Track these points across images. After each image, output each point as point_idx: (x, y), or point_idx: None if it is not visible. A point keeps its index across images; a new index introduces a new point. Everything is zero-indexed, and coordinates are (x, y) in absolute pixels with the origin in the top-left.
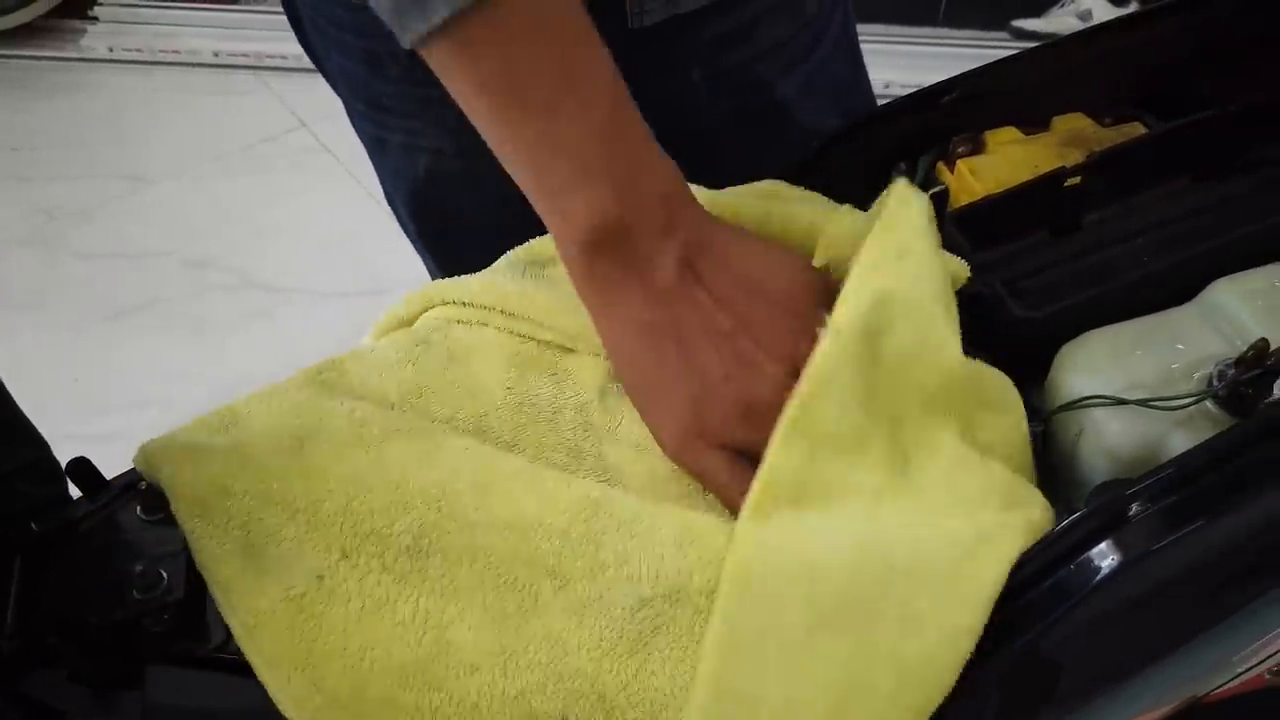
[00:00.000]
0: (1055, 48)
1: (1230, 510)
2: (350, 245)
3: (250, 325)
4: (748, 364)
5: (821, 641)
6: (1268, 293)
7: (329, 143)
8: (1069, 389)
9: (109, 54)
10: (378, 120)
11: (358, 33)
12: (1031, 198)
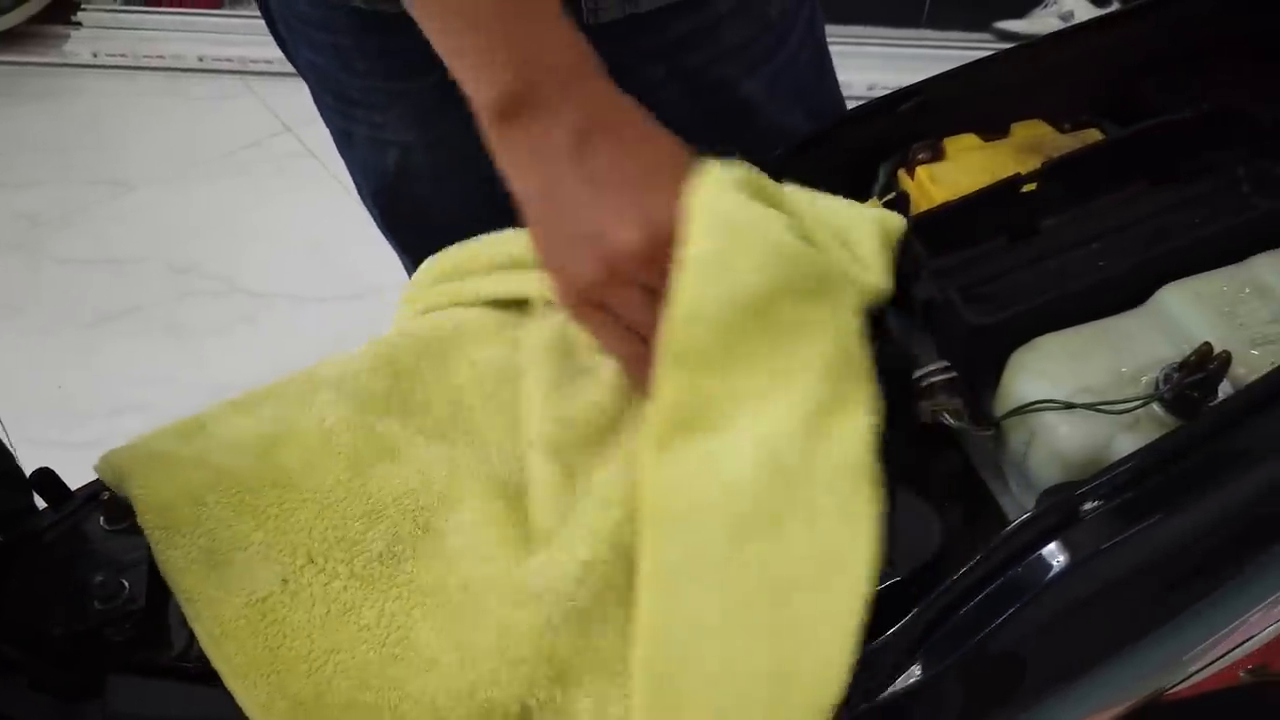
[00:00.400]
0: (1013, 55)
1: (1175, 511)
2: (333, 250)
3: (233, 330)
4: (612, 226)
5: (744, 553)
6: (1215, 297)
7: (314, 147)
8: (1020, 393)
9: (93, 59)
10: (345, 114)
11: (324, 28)
12: (988, 204)
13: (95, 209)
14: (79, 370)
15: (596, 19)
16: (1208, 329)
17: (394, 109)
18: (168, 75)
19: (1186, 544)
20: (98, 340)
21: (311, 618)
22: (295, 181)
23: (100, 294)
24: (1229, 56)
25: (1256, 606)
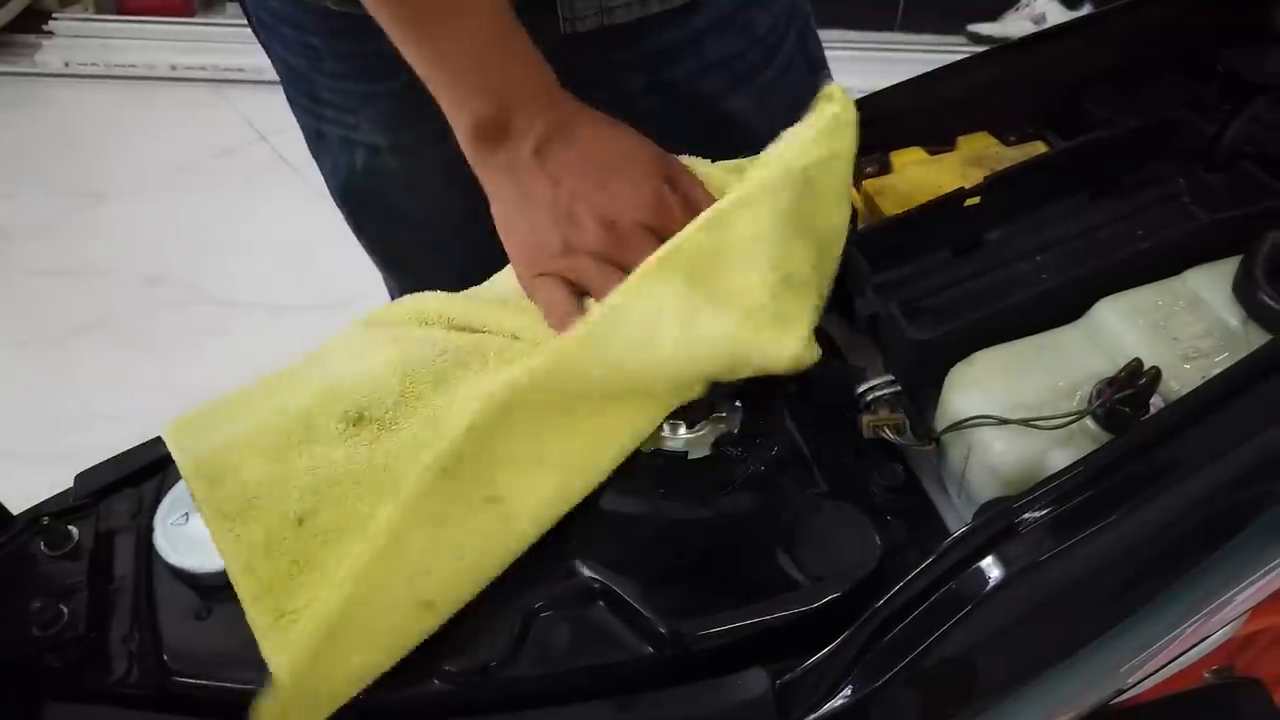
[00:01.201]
0: (958, 69)
1: (1107, 526)
2: (308, 258)
3: (205, 341)
4: (572, 217)
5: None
6: (1150, 311)
7: (287, 155)
8: (957, 409)
9: (65, 69)
10: (316, 113)
11: (296, 26)
12: (932, 218)
13: (66, 219)
14: (50, 383)
15: (573, 28)
16: (1141, 344)
17: (364, 110)
18: (140, 84)
19: (1119, 557)
20: (69, 352)
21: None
22: (269, 190)
23: (71, 305)
24: (1168, 71)
25: (1192, 618)
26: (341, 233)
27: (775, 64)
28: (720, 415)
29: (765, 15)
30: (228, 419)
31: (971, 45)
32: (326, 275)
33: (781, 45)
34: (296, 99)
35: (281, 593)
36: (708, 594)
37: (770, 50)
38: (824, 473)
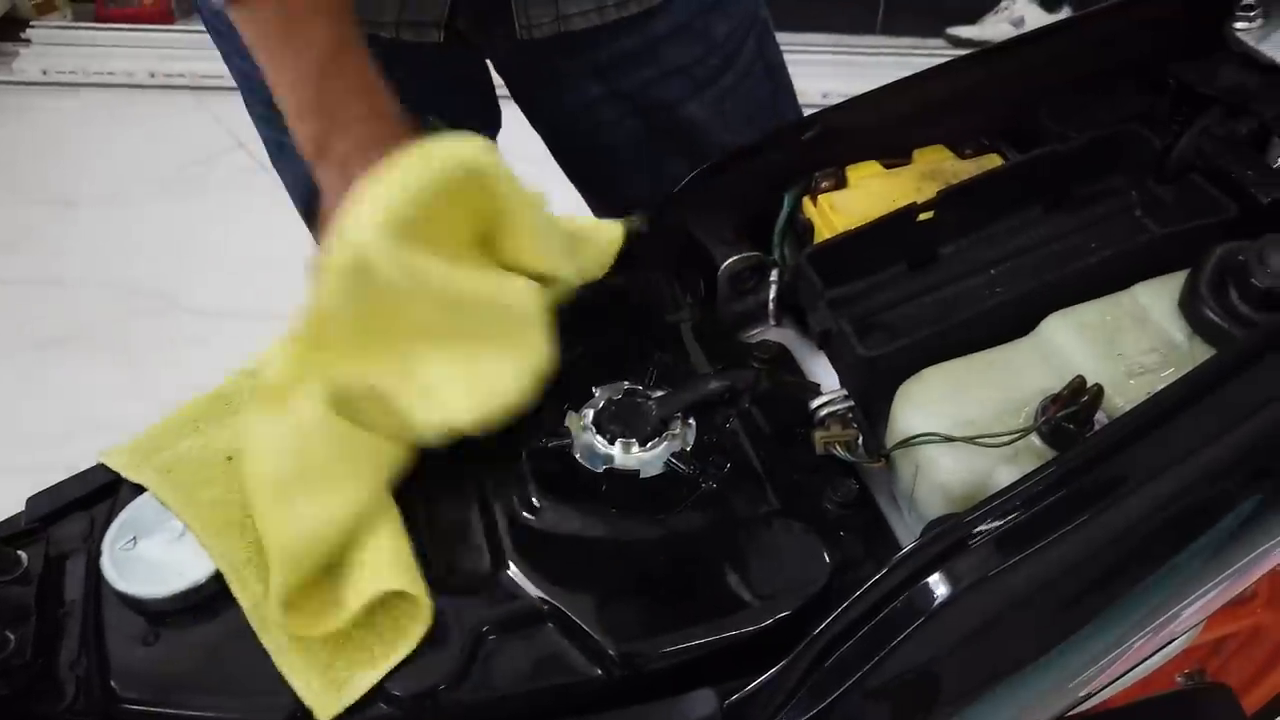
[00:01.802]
0: (914, 83)
1: (1051, 542)
2: (286, 267)
3: (183, 351)
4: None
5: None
6: (1096, 327)
7: (266, 163)
8: (905, 426)
9: (42, 77)
10: (275, 124)
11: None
12: (886, 233)
13: (43, 229)
14: (25, 395)
15: (530, 35)
16: (1087, 359)
17: None
18: (118, 91)
19: (1063, 574)
20: (45, 363)
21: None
22: (247, 197)
23: (48, 316)
24: (1122, 85)
25: (1139, 632)
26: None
27: (734, 70)
28: (673, 433)
29: (723, 22)
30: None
31: (951, 48)
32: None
33: (740, 51)
34: (255, 109)
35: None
36: (657, 615)
37: (729, 57)
38: (777, 489)
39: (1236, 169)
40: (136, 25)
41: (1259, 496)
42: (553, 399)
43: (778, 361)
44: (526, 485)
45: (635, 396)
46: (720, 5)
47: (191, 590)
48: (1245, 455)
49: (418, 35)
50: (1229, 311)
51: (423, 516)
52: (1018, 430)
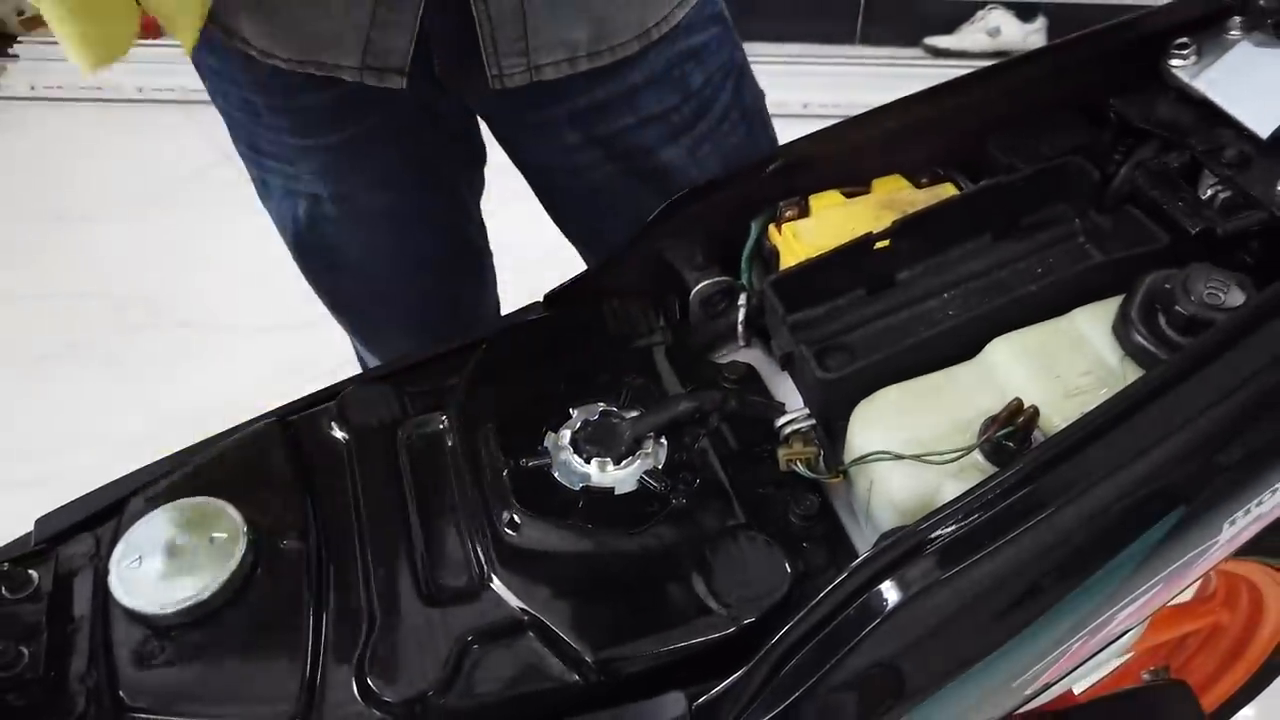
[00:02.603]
0: (873, 116)
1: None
2: (276, 279)
3: (177, 363)
4: None
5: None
6: (1037, 350)
7: None
8: (859, 445)
9: (30, 92)
10: (259, 163)
11: (233, 82)
12: (844, 261)
13: (34, 244)
14: (20, 409)
15: (502, 84)
16: (1027, 381)
17: (302, 162)
18: (107, 106)
19: (1003, 580)
20: (40, 377)
21: None
22: (237, 211)
23: (42, 330)
24: (1067, 117)
25: (1076, 635)
26: None
27: (709, 117)
28: (646, 452)
29: (699, 71)
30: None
31: (929, 57)
32: (296, 295)
33: (716, 99)
34: (240, 148)
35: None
36: (632, 624)
37: (705, 104)
38: (744, 503)
39: (1168, 200)
40: None
41: (1182, 508)
42: (532, 420)
43: (745, 381)
44: (508, 503)
45: (610, 417)
46: (696, 55)
47: (195, 605)
48: (1168, 471)
49: (379, 80)
50: (1157, 336)
51: (412, 536)
52: (961, 449)
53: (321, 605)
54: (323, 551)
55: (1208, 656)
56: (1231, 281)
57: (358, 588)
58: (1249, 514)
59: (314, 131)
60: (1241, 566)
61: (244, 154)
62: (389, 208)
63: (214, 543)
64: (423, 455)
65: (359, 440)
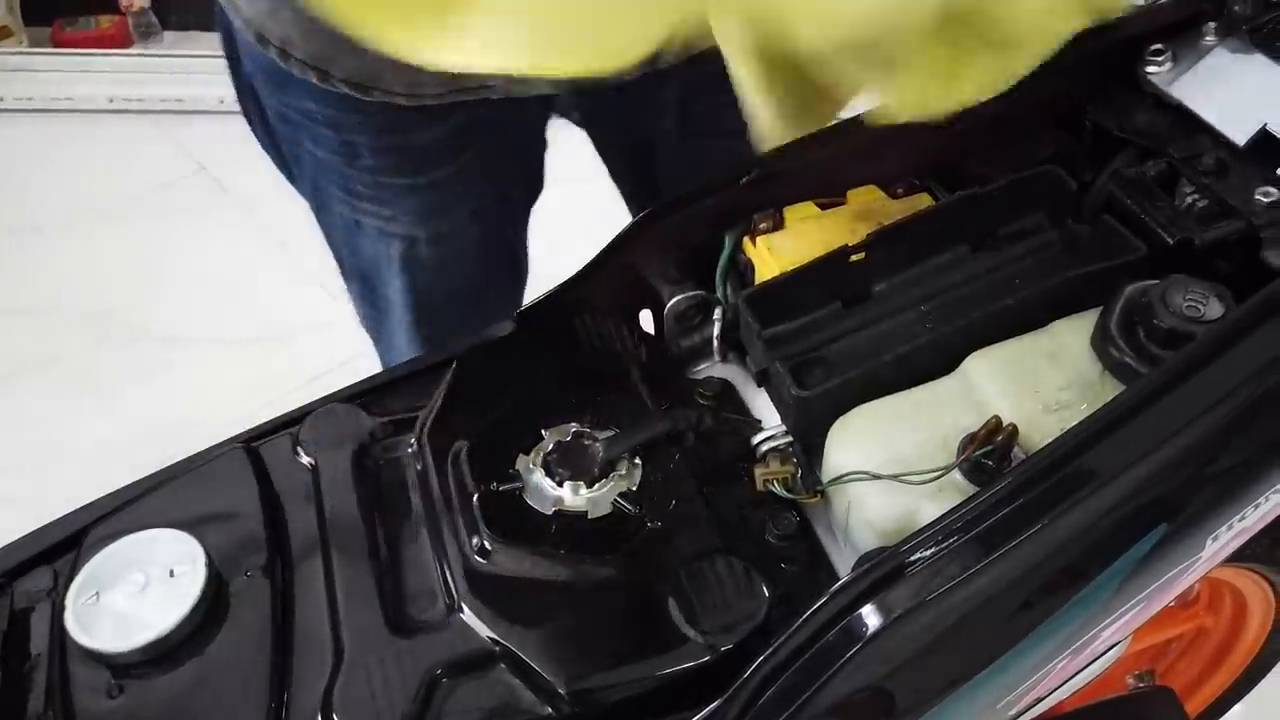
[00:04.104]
0: (846, 127)
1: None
2: (251, 291)
3: (152, 377)
4: None
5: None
6: (1015, 365)
7: (230, 186)
8: (837, 464)
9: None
10: (353, 205)
11: (332, 126)
12: (819, 274)
13: (6, 257)
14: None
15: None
16: (1006, 397)
17: (401, 203)
18: (77, 117)
19: (984, 603)
20: (13, 392)
21: None
22: (210, 222)
23: (14, 345)
24: (1043, 125)
25: (1060, 655)
26: (283, 264)
27: None
28: (620, 474)
29: None
30: None
31: None
32: (270, 307)
33: None
34: (332, 193)
35: None
36: (606, 652)
37: None
38: (721, 524)
39: (1145, 209)
40: (95, 50)
41: (1164, 526)
42: (503, 442)
43: (722, 398)
44: (478, 529)
45: (583, 439)
46: None
47: (155, 642)
48: (1150, 488)
49: (526, 90)
50: (1136, 350)
51: (381, 564)
52: (939, 469)
53: (286, 639)
54: (288, 582)
55: (1192, 661)
56: (1210, 293)
57: (324, 619)
58: (1232, 529)
59: (419, 169)
60: (1224, 572)
61: (338, 199)
62: (482, 237)
63: (174, 576)
64: (391, 479)
65: (325, 465)
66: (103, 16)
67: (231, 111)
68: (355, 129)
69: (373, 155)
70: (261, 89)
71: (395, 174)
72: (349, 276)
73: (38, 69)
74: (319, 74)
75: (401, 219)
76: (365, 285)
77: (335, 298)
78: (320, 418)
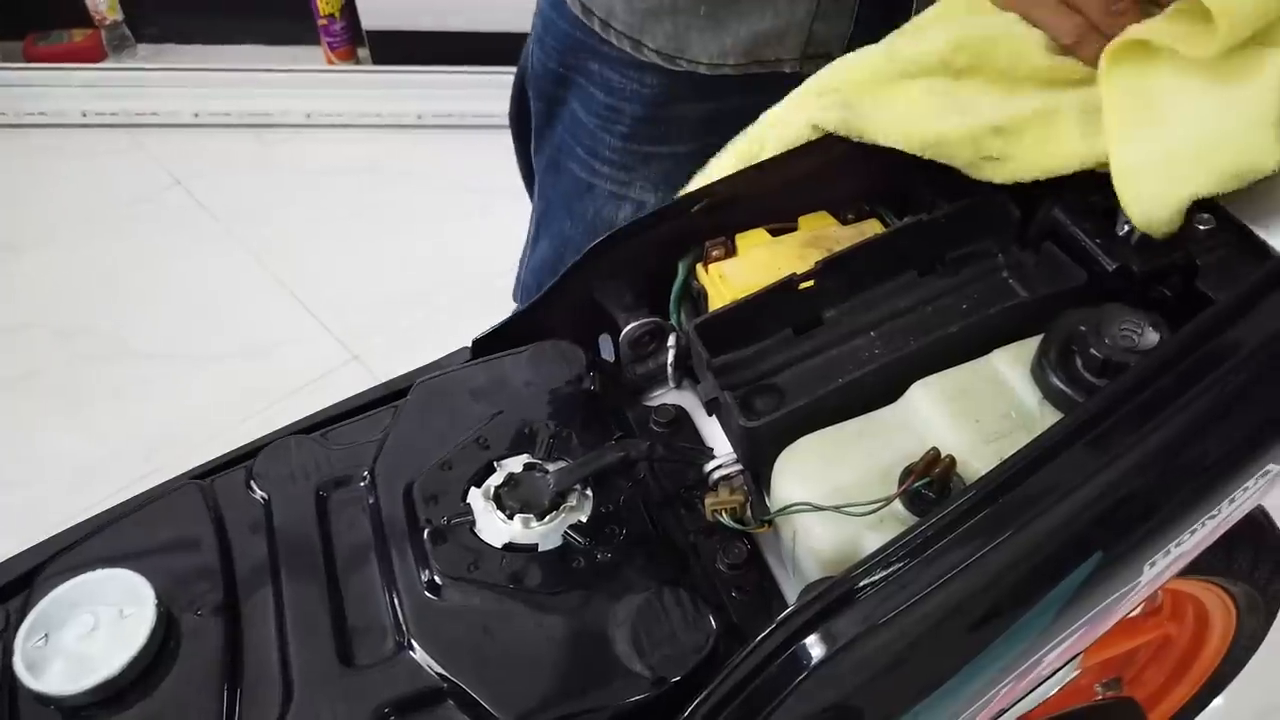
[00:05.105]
0: (797, 154)
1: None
2: (227, 305)
3: (128, 393)
4: None
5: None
6: (957, 393)
7: (205, 200)
8: (782, 495)
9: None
10: (592, 168)
11: (606, 90)
12: (769, 302)
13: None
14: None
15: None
16: (947, 426)
17: (642, 169)
18: (50, 132)
19: (923, 635)
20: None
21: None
22: (187, 236)
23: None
24: None
25: (1001, 682)
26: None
27: None
28: (570, 506)
29: None
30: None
31: None
32: (246, 323)
33: None
34: (574, 152)
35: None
36: (555, 687)
37: None
38: (672, 553)
39: (1085, 237)
40: (67, 64)
41: (1099, 553)
42: (455, 476)
43: (675, 425)
44: (428, 564)
45: (535, 470)
46: None
47: (103, 684)
48: (1083, 517)
49: (816, 68)
50: (1073, 379)
51: (332, 601)
52: (879, 500)
53: (236, 678)
54: (239, 620)
55: (1159, 669)
56: (1145, 322)
57: (274, 657)
58: (1169, 555)
59: (670, 139)
60: (1184, 584)
61: (579, 159)
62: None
63: (124, 617)
64: (345, 513)
65: (278, 500)
66: (75, 30)
67: (206, 125)
68: (632, 97)
69: (632, 122)
70: (550, 49)
71: (646, 141)
72: (553, 238)
73: (9, 83)
74: (633, 43)
75: (637, 184)
76: (575, 251)
77: (312, 312)
78: (274, 451)
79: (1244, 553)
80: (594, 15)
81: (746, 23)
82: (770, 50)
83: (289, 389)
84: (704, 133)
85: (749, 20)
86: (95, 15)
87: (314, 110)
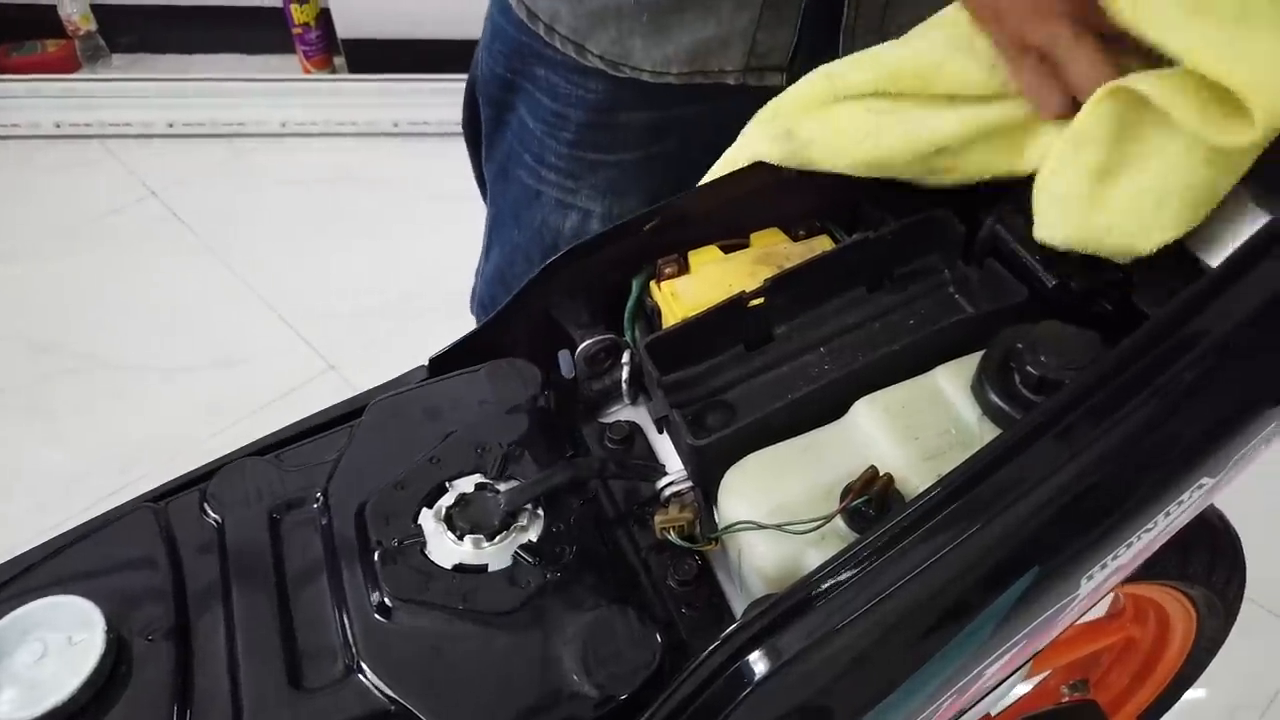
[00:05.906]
0: (747, 172)
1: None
2: (200, 317)
3: (100, 406)
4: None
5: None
6: (898, 410)
7: (180, 210)
8: (727, 513)
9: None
10: (540, 175)
11: (552, 96)
12: (719, 319)
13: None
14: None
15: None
16: (888, 443)
17: (587, 177)
18: (23, 143)
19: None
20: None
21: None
22: (161, 247)
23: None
24: None
25: (943, 696)
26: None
27: None
28: (521, 525)
29: None
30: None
31: None
32: (223, 333)
33: None
34: (522, 159)
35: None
36: (503, 709)
37: None
38: (623, 570)
39: (1026, 253)
40: (40, 75)
41: (1036, 568)
42: (407, 496)
43: (628, 442)
44: (379, 586)
45: (486, 490)
46: None
47: (52, 712)
48: (1017, 533)
49: (760, 80)
50: (1012, 395)
51: (284, 623)
52: (820, 518)
53: (187, 702)
54: (190, 644)
55: (1123, 671)
56: (1081, 339)
57: (225, 681)
58: (1106, 568)
59: (616, 147)
60: (1143, 588)
61: (527, 166)
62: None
63: (73, 643)
64: (299, 535)
65: (231, 523)
66: (49, 40)
67: (181, 135)
68: (573, 102)
69: (577, 129)
70: (497, 55)
71: (591, 148)
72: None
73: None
74: (577, 48)
75: (584, 192)
76: (525, 260)
77: (289, 323)
78: (229, 473)
79: (1200, 557)
80: (539, 20)
81: (689, 30)
82: (714, 60)
83: (265, 399)
84: (649, 140)
85: (691, 28)
86: (69, 26)
87: (289, 119)
